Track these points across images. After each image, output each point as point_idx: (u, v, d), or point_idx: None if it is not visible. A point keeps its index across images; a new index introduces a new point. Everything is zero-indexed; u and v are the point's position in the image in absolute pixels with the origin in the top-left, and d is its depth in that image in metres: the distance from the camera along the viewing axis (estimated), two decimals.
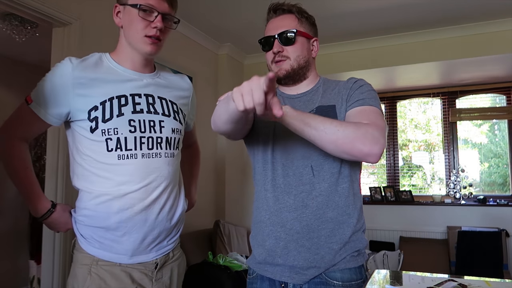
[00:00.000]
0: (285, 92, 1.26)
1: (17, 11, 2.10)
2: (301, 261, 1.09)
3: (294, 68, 1.19)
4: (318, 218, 1.10)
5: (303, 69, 1.21)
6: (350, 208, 1.13)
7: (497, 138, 4.36)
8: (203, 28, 3.48)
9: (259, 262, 1.18)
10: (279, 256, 1.12)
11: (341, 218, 1.11)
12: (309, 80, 1.24)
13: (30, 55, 3.81)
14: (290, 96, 1.24)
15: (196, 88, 3.52)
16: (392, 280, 1.31)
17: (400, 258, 3.79)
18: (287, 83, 1.23)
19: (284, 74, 1.19)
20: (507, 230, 3.71)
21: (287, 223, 1.11)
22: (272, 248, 1.13)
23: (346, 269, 1.10)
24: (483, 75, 3.98)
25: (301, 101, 1.21)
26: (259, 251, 1.17)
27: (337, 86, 1.20)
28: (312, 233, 1.09)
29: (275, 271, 1.14)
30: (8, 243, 3.81)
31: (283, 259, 1.11)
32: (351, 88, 1.15)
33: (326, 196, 1.11)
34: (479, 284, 0.94)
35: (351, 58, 3.81)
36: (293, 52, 1.18)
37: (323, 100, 1.18)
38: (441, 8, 3.06)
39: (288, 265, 1.11)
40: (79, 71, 1.16)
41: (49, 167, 2.25)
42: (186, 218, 1.44)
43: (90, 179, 1.15)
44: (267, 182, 1.16)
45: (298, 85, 1.24)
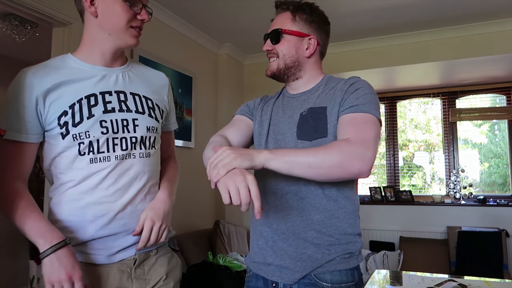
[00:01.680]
0: (288, 91, 1.27)
1: (17, 11, 2.10)
2: (287, 261, 1.10)
3: (280, 67, 1.19)
4: (304, 220, 1.10)
5: (291, 69, 1.19)
6: (340, 211, 1.11)
7: (497, 138, 4.36)
8: (203, 28, 3.48)
9: (254, 261, 1.20)
10: (269, 255, 1.14)
11: (329, 221, 1.10)
12: (306, 80, 1.22)
13: (30, 55, 3.81)
14: (290, 96, 1.25)
15: (196, 88, 3.54)
16: (392, 280, 1.31)
17: (400, 258, 3.79)
18: (280, 81, 1.25)
19: (269, 74, 1.22)
20: (507, 230, 3.71)
21: (273, 223, 1.13)
22: (263, 247, 1.16)
23: (336, 271, 1.09)
24: (483, 75, 3.97)
25: (298, 101, 1.21)
26: (254, 250, 1.21)
27: (335, 85, 1.17)
28: (298, 233, 1.10)
29: (267, 270, 1.16)
30: (8, 243, 3.81)
31: (272, 258, 1.14)
32: (346, 91, 1.11)
33: (312, 198, 1.10)
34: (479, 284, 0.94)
35: (351, 58, 3.81)
36: (280, 50, 1.18)
37: (317, 101, 1.16)
38: (441, 8, 3.06)
39: (276, 265, 1.12)
40: (41, 78, 1.06)
41: None
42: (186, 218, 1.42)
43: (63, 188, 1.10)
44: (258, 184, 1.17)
45: (297, 83, 1.23)
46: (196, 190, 3.47)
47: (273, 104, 1.26)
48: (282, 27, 1.18)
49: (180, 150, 3.28)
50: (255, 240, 1.21)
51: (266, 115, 1.25)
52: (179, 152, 3.25)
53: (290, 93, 1.25)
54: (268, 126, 1.22)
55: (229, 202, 0.87)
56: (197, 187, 3.49)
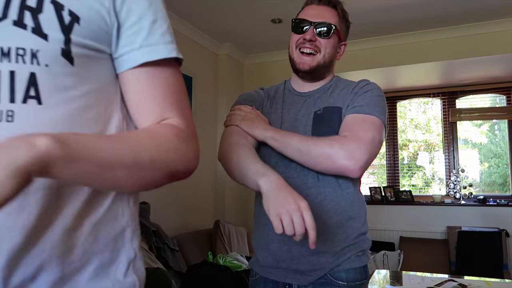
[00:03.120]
0: (295, 87, 1.21)
1: None
2: (305, 265, 1.08)
3: (320, 64, 1.12)
4: (322, 223, 1.06)
5: (326, 68, 1.16)
6: (355, 212, 1.11)
7: (497, 138, 4.36)
8: (203, 28, 3.48)
9: (263, 265, 1.16)
10: (282, 260, 1.10)
11: (346, 222, 1.09)
12: (325, 81, 1.20)
13: None
14: (298, 94, 1.20)
15: (196, 88, 3.54)
16: (392, 280, 1.31)
17: (400, 258, 3.79)
18: (304, 78, 1.17)
19: (306, 69, 1.13)
20: (507, 230, 3.71)
21: None
22: (276, 252, 1.11)
23: (351, 269, 1.09)
24: (483, 75, 3.98)
25: (310, 99, 1.17)
26: (263, 254, 1.15)
27: (346, 86, 1.16)
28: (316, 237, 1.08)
29: (279, 273, 1.12)
30: None
31: (286, 263, 1.09)
32: (356, 93, 1.11)
33: (331, 200, 1.08)
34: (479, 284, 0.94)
35: (351, 58, 3.81)
36: (325, 46, 1.12)
37: (330, 100, 1.14)
38: (441, 8, 3.07)
39: (292, 269, 1.09)
40: None
41: None
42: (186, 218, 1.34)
43: None
44: None
45: (313, 82, 1.18)
46: (196, 190, 3.47)
47: (282, 100, 1.21)
48: (334, 24, 1.12)
49: None
50: (265, 245, 1.14)
51: (276, 112, 1.19)
52: None
53: (298, 91, 1.20)
54: (280, 125, 1.16)
55: (282, 231, 0.82)
56: (197, 187, 3.49)
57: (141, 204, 2.67)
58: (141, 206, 2.63)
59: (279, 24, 3.34)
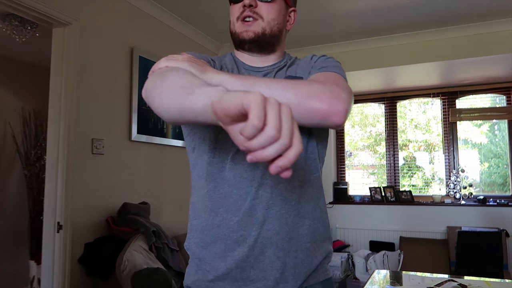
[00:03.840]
0: (246, 62, 1.03)
1: (17, 11, 2.10)
2: (280, 269, 0.89)
3: (266, 32, 0.97)
4: (297, 214, 0.91)
5: (274, 38, 0.99)
6: (321, 201, 0.98)
7: (497, 138, 4.36)
8: (203, 28, 3.48)
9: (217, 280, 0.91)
10: (251, 266, 0.88)
11: (315, 212, 0.95)
12: (276, 55, 1.04)
13: (30, 55, 3.81)
14: (252, 69, 1.02)
15: None
16: (392, 280, 1.31)
17: (400, 258, 3.79)
18: (251, 50, 1.01)
19: (251, 37, 0.96)
20: (507, 230, 3.71)
21: (265, 222, 0.88)
22: (243, 258, 0.88)
23: (326, 280, 0.97)
24: (483, 75, 3.98)
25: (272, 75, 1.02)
26: (219, 265, 0.90)
27: (304, 60, 1.05)
28: (291, 232, 0.90)
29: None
30: (8, 243, 3.81)
31: (257, 269, 0.88)
32: (316, 61, 0.99)
33: (301, 186, 0.92)
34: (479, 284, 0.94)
35: (351, 58, 3.81)
36: (268, 12, 0.97)
37: (290, 74, 1.01)
38: (441, 8, 3.07)
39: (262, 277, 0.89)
40: None
41: (49, 167, 2.25)
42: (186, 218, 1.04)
43: None
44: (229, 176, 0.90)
45: (262, 56, 1.02)
46: None
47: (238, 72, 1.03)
48: None
49: (180, 150, 3.28)
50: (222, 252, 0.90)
51: None
52: (179, 152, 3.26)
53: (251, 65, 1.03)
54: None
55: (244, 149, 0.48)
56: None
57: (141, 204, 2.67)
58: (141, 206, 2.63)
59: None
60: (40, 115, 3.89)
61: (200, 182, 0.95)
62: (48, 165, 2.25)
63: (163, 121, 3.07)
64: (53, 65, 2.30)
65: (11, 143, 3.85)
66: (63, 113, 2.25)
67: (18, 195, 3.89)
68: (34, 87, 4.02)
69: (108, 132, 2.56)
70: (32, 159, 3.82)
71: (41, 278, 2.26)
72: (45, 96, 2.45)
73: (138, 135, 2.79)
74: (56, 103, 2.27)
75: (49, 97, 2.30)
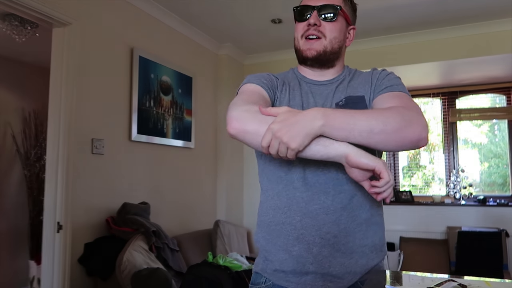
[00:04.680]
0: (307, 76, 1.11)
1: (17, 11, 2.10)
2: (337, 267, 0.97)
3: (327, 50, 1.04)
4: (354, 220, 0.99)
5: (335, 54, 1.06)
6: (380, 208, 1.05)
7: (497, 138, 4.36)
8: (203, 28, 3.48)
9: (281, 271, 1.01)
10: (310, 263, 0.97)
11: (373, 219, 1.02)
12: (335, 69, 1.11)
13: (30, 55, 3.81)
14: (313, 82, 1.10)
15: (196, 88, 3.54)
16: (392, 280, 1.31)
17: (400, 258, 3.78)
18: (313, 66, 1.09)
19: (314, 55, 1.04)
20: (507, 230, 3.71)
21: (324, 226, 0.97)
22: (302, 254, 0.98)
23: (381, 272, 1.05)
24: (483, 75, 3.97)
25: (327, 90, 1.08)
26: (282, 258, 1.01)
27: (362, 75, 1.11)
28: (348, 236, 0.98)
29: (302, 281, 0.99)
30: (8, 243, 3.81)
31: (315, 266, 0.97)
32: (378, 78, 1.06)
33: (360, 196, 0.99)
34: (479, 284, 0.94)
35: (351, 58, 3.79)
36: (331, 31, 1.03)
37: (349, 90, 1.06)
38: (441, 8, 3.06)
39: (321, 273, 0.98)
40: None
41: (49, 167, 2.25)
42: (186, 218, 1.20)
43: None
44: (295, 179, 1.00)
45: (323, 70, 1.09)
46: (196, 190, 3.47)
47: (299, 88, 1.10)
48: (338, 5, 1.04)
49: (180, 150, 3.28)
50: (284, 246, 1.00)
51: (295, 99, 1.07)
52: (179, 152, 3.26)
53: (312, 78, 1.11)
54: None
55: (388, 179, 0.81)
56: (197, 187, 3.49)
57: (141, 204, 2.67)
58: (141, 206, 2.63)
59: (279, 24, 3.34)
60: (40, 115, 3.89)
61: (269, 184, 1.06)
62: (48, 165, 2.25)
63: (163, 121, 3.07)
64: (53, 65, 2.30)
65: (11, 143, 3.85)
66: (63, 113, 2.25)
67: (18, 195, 3.89)
68: (34, 87, 4.02)
69: (108, 132, 2.56)
70: (32, 159, 3.82)
71: (41, 278, 2.26)
72: (45, 96, 2.44)
73: (138, 135, 2.78)
74: (56, 103, 2.27)
75: (49, 97, 2.30)
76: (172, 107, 3.18)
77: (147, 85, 2.90)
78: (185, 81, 3.38)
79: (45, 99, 2.40)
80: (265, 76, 1.08)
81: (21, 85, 4.00)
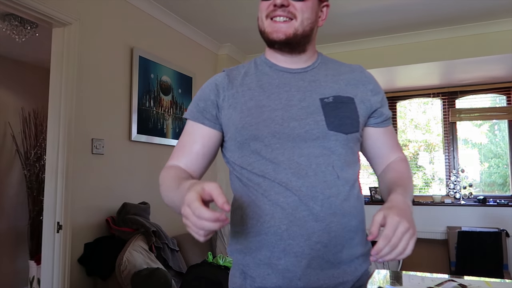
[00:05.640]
0: (278, 63, 0.99)
1: (17, 11, 2.10)
2: (326, 280, 0.87)
3: (298, 33, 0.92)
4: (344, 228, 0.90)
5: (306, 38, 0.95)
6: (364, 214, 0.98)
7: (497, 138, 4.36)
8: (203, 28, 3.48)
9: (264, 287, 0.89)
10: (298, 278, 0.86)
11: (361, 225, 0.95)
12: (308, 55, 0.99)
13: (30, 55, 3.81)
14: (287, 70, 0.98)
15: (196, 88, 3.53)
16: (392, 280, 1.31)
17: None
18: (281, 50, 0.97)
19: (282, 38, 0.92)
20: (507, 230, 3.71)
21: (314, 235, 0.86)
22: (289, 268, 0.86)
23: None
24: (483, 75, 3.97)
25: (303, 80, 0.97)
26: (265, 273, 0.88)
27: (341, 67, 1.02)
28: (338, 245, 0.89)
29: None
30: (8, 243, 3.81)
31: (304, 281, 0.86)
32: (378, 98, 1.00)
33: (349, 201, 0.91)
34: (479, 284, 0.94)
35: (351, 58, 3.81)
36: (302, 11, 0.92)
37: (336, 87, 0.96)
38: (441, 8, 3.06)
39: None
40: None
41: (49, 167, 2.25)
42: None
43: None
44: (278, 184, 0.88)
45: (293, 56, 0.98)
46: None
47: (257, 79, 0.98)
48: None
49: None
50: (267, 260, 0.88)
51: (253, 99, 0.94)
52: None
53: (284, 66, 0.99)
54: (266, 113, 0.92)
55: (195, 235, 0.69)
56: None
57: (141, 204, 2.67)
58: (141, 206, 2.63)
59: None
60: (40, 115, 3.89)
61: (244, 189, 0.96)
62: (48, 165, 2.25)
63: (163, 121, 3.07)
64: (53, 65, 2.30)
65: (11, 143, 3.85)
66: (63, 113, 2.25)
67: (18, 195, 3.89)
68: (34, 87, 4.02)
69: (108, 132, 2.56)
70: (32, 159, 3.82)
71: (41, 278, 2.26)
72: (45, 96, 2.44)
73: (138, 135, 2.78)
74: (56, 103, 2.27)
75: (49, 97, 2.30)
76: (172, 107, 3.18)
77: (147, 85, 2.90)
78: (185, 81, 3.38)
79: (45, 99, 2.40)
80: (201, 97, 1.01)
81: (21, 85, 4.00)
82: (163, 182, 0.97)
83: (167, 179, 0.96)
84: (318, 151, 0.90)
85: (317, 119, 0.91)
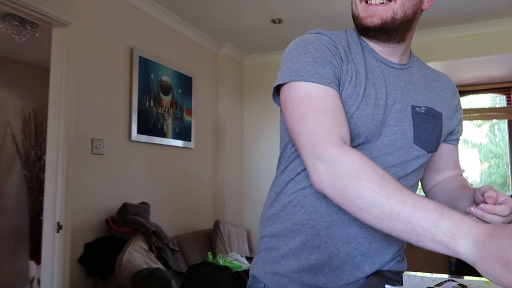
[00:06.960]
0: (380, 54, 0.85)
1: (17, 11, 2.10)
2: (349, 278, 0.83)
3: (396, 17, 0.78)
4: (386, 241, 0.84)
5: (407, 23, 0.82)
6: None
7: (497, 138, 4.36)
8: (203, 28, 3.48)
9: (288, 276, 0.84)
10: (324, 275, 0.81)
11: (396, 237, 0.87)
12: (405, 46, 0.86)
13: (30, 55, 3.81)
14: (384, 62, 0.85)
15: (196, 88, 3.54)
16: None
17: None
18: (376, 38, 0.83)
19: (377, 24, 0.78)
20: None
21: (354, 240, 0.81)
22: (318, 265, 0.81)
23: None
24: (483, 75, 3.97)
25: (400, 78, 0.85)
26: (292, 263, 0.83)
27: (438, 82, 0.94)
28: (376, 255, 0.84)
29: None
30: (8, 243, 3.81)
31: (328, 279, 0.81)
32: (459, 110, 0.96)
33: None
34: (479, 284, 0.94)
35: None
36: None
37: (428, 97, 0.87)
38: (442, 8, 3.06)
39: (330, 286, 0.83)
40: None
41: (49, 167, 2.25)
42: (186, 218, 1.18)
43: None
44: None
45: (390, 46, 0.83)
46: (196, 190, 3.47)
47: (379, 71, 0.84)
48: None
49: (180, 150, 3.28)
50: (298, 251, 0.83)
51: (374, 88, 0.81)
52: (179, 152, 3.26)
53: (385, 57, 0.85)
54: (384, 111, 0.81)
55: None
56: (197, 187, 3.49)
57: (141, 204, 2.67)
58: (141, 206, 2.63)
59: (279, 24, 3.34)
60: (40, 115, 3.89)
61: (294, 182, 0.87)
62: (48, 165, 2.25)
63: (163, 121, 3.07)
64: (53, 65, 2.30)
65: (11, 143, 3.85)
66: (63, 113, 2.25)
67: (18, 195, 3.89)
68: (34, 87, 4.02)
69: (108, 132, 2.56)
70: (32, 159, 3.82)
71: (41, 278, 2.26)
72: (45, 96, 2.45)
73: (138, 135, 2.78)
74: (56, 103, 2.27)
75: (49, 97, 2.30)
76: (172, 107, 3.18)
77: (147, 85, 2.90)
78: (185, 81, 3.38)
79: (45, 99, 2.40)
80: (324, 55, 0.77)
81: (21, 85, 4.00)
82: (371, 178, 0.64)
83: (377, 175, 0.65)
84: (394, 161, 0.83)
85: (405, 128, 0.82)
